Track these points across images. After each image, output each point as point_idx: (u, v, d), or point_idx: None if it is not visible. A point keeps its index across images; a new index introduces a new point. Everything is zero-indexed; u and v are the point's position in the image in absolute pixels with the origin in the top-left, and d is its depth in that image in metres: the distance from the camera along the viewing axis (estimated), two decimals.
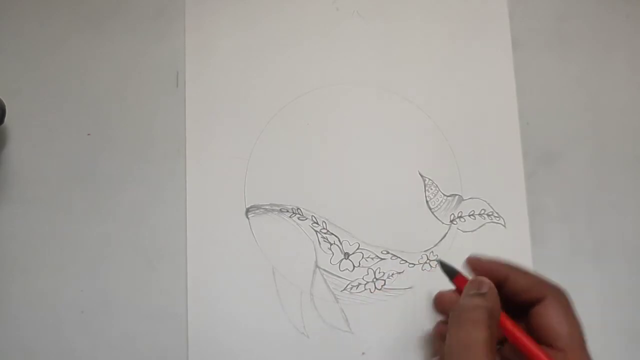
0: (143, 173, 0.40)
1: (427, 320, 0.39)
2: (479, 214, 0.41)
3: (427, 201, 0.41)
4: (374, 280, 0.40)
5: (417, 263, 0.40)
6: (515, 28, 0.44)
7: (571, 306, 0.34)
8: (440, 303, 0.38)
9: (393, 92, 0.43)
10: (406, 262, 0.40)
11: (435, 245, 0.40)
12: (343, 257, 0.40)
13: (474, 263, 0.36)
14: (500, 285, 0.34)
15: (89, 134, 0.41)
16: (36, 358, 0.38)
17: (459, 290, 0.35)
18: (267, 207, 0.40)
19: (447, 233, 0.41)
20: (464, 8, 0.45)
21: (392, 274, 0.40)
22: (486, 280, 0.34)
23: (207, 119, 0.41)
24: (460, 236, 0.41)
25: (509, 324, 0.33)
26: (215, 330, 0.38)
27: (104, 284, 0.39)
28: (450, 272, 0.36)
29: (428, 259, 0.40)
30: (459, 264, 0.40)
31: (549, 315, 0.33)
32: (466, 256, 0.39)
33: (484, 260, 0.36)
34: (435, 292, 0.39)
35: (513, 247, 0.41)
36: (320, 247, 0.40)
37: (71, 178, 0.40)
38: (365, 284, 0.39)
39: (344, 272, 0.40)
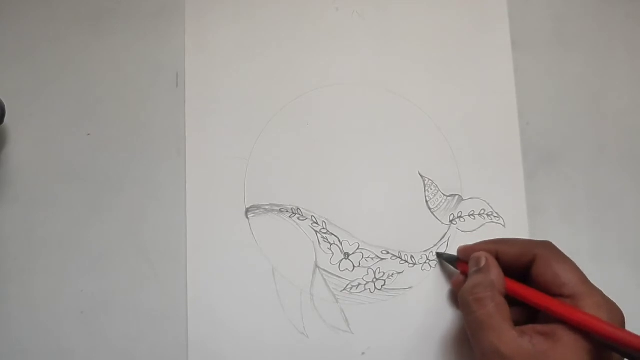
0: (143, 173, 0.41)
1: (427, 320, 0.39)
2: (479, 214, 0.41)
3: (427, 201, 0.41)
4: (374, 280, 0.40)
5: (417, 263, 0.40)
6: (515, 28, 0.44)
7: (561, 254, 0.35)
8: (457, 287, 0.38)
9: (393, 92, 0.43)
10: (406, 262, 0.40)
11: (435, 245, 0.40)
12: (343, 257, 0.40)
13: (464, 251, 0.39)
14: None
15: (89, 134, 0.41)
16: (36, 358, 0.38)
17: (463, 273, 0.38)
18: (267, 207, 0.40)
19: (446, 233, 0.41)
20: (463, 8, 0.45)
21: (392, 274, 0.40)
22: (482, 253, 0.36)
23: (207, 119, 0.41)
24: (460, 236, 0.41)
25: (517, 287, 0.34)
26: (215, 331, 0.38)
27: (104, 284, 0.39)
28: (451, 259, 0.39)
29: (428, 259, 0.40)
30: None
31: (546, 270, 0.34)
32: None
33: (472, 245, 0.38)
34: (435, 292, 0.39)
35: None
36: (320, 247, 0.40)
37: (71, 178, 0.40)
38: (365, 284, 0.39)
39: (344, 272, 0.40)
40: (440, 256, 0.40)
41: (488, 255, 0.36)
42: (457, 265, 0.39)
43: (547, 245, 0.35)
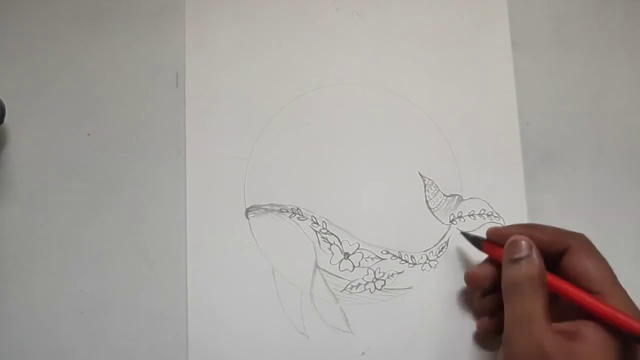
0: (143, 173, 0.40)
1: (427, 320, 0.39)
2: (479, 214, 0.41)
3: (427, 201, 0.41)
4: (374, 280, 0.40)
5: (417, 263, 0.40)
6: (515, 28, 0.44)
7: (595, 249, 0.34)
8: (475, 280, 0.37)
9: (393, 92, 0.43)
10: (406, 262, 0.40)
11: (435, 245, 0.40)
12: (343, 257, 0.40)
13: (496, 233, 0.36)
14: None
15: (89, 134, 0.41)
16: (36, 358, 0.38)
17: (493, 258, 0.36)
18: (267, 207, 0.40)
19: (446, 233, 0.41)
20: (463, 8, 0.45)
21: (392, 274, 0.40)
22: (524, 238, 0.34)
23: (207, 119, 0.41)
24: (460, 236, 0.41)
25: (554, 280, 0.33)
26: (215, 331, 0.38)
27: (104, 284, 0.39)
28: (476, 240, 0.38)
29: (428, 259, 0.40)
30: (458, 264, 0.40)
31: (577, 263, 0.33)
32: (466, 256, 0.40)
33: (504, 228, 0.36)
34: (435, 292, 0.39)
35: None
36: (320, 247, 0.40)
37: (71, 178, 0.40)
38: (365, 284, 0.39)
39: (344, 272, 0.40)
40: (465, 235, 0.38)
41: (530, 241, 0.33)
42: (484, 247, 0.37)
43: (582, 238, 0.35)
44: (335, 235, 0.40)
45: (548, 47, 0.45)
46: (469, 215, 0.41)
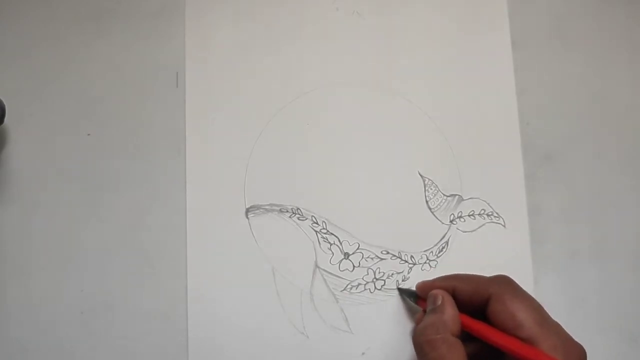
0: (143, 173, 0.40)
1: None
2: (479, 214, 0.41)
3: (427, 201, 0.41)
4: (374, 280, 0.40)
5: (417, 263, 0.40)
6: (515, 28, 0.44)
7: (518, 290, 0.34)
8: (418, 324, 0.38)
9: (393, 92, 0.43)
10: (406, 262, 0.40)
11: (435, 245, 0.40)
12: (343, 257, 0.40)
13: (422, 288, 0.38)
14: (453, 297, 0.35)
15: (89, 134, 0.41)
16: (36, 358, 0.38)
17: (424, 311, 0.37)
18: (267, 207, 0.40)
19: (446, 233, 0.41)
20: (463, 8, 0.45)
21: (392, 274, 0.40)
22: (439, 292, 0.35)
23: (207, 119, 0.41)
24: (460, 236, 0.41)
25: (474, 325, 0.33)
26: (215, 331, 0.38)
27: (104, 284, 0.39)
28: (412, 295, 0.38)
29: (428, 259, 0.40)
30: (458, 264, 0.40)
31: (501, 310, 0.33)
32: (466, 256, 0.40)
33: (430, 282, 0.38)
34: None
35: (513, 247, 0.41)
36: (320, 247, 0.40)
37: (71, 178, 0.40)
38: (365, 284, 0.39)
39: (344, 272, 0.40)
40: (401, 292, 0.39)
41: (444, 294, 0.35)
42: (418, 302, 0.38)
43: (503, 282, 0.34)
44: (335, 235, 0.40)
45: (548, 48, 0.45)
46: (469, 215, 0.41)
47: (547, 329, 0.32)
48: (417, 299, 0.38)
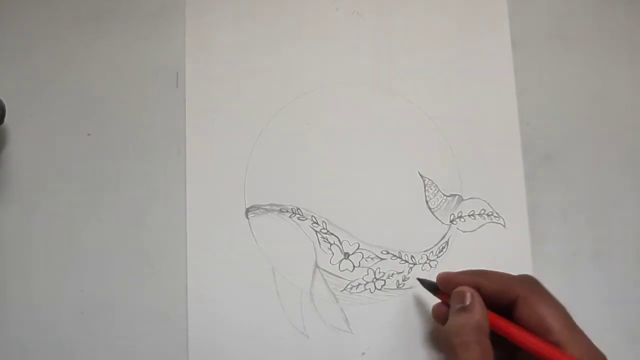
0: (143, 173, 0.41)
1: (426, 320, 0.39)
2: (479, 214, 0.41)
3: (427, 201, 0.41)
4: (374, 280, 0.40)
5: (417, 263, 0.40)
6: (515, 28, 0.44)
7: (546, 293, 0.34)
8: (437, 316, 0.37)
9: (393, 92, 0.43)
10: (406, 262, 0.40)
11: (435, 245, 0.40)
12: (343, 257, 0.40)
13: (444, 281, 0.36)
14: None
15: (89, 134, 0.41)
16: (36, 358, 0.38)
17: (445, 304, 0.36)
18: (267, 207, 0.40)
19: (447, 233, 0.41)
20: (463, 8, 0.45)
21: (392, 274, 0.40)
22: (467, 289, 0.34)
23: (207, 119, 0.41)
24: (460, 236, 0.41)
25: (503, 325, 0.33)
26: (215, 331, 0.38)
27: (104, 284, 0.39)
28: (431, 287, 0.37)
29: (428, 259, 0.40)
30: (458, 264, 0.40)
31: (530, 313, 0.33)
32: (466, 256, 0.40)
33: (453, 275, 0.36)
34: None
35: (513, 247, 0.41)
36: (320, 247, 0.40)
37: (71, 178, 0.40)
38: (365, 284, 0.39)
39: (344, 272, 0.40)
40: (422, 282, 0.37)
41: (473, 292, 0.34)
42: (439, 294, 0.37)
43: (529, 282, 0.34)
44: (335, 235, 0.40)
45: (548, 48, 0.45)
46: (469, 215, 0.41)
47: (574, 336, 0.32)
48: (437, 292, 0.37)
